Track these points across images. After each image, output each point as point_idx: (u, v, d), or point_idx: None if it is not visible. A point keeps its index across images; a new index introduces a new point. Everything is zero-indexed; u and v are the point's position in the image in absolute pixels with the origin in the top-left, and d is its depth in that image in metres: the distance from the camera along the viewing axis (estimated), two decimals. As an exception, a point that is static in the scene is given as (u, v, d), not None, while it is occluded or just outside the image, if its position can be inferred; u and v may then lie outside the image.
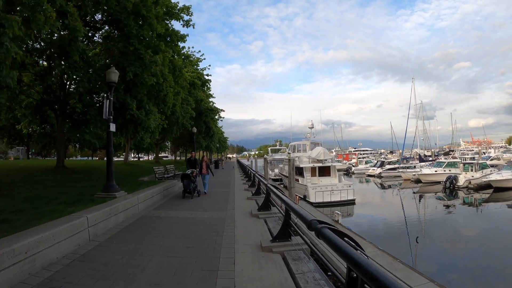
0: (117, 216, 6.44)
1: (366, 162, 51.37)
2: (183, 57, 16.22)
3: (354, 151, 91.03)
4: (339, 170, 23.14)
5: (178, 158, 60.28)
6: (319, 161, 22.95)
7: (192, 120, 21.79)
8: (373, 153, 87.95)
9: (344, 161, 58.62)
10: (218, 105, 35.98)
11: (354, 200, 20.79)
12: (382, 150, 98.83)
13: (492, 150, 48.18)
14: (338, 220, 13.05)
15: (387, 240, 12.94)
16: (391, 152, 74.90)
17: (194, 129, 21.54)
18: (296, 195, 16.21)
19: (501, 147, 57.96)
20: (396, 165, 41.93)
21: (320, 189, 20.03)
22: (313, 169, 22.58)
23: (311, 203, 19.30)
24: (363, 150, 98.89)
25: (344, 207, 20.33)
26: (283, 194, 5.95)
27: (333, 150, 61.36)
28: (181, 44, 15.36)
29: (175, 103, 14.25)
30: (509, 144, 70.26)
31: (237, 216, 7.46)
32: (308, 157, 23.00)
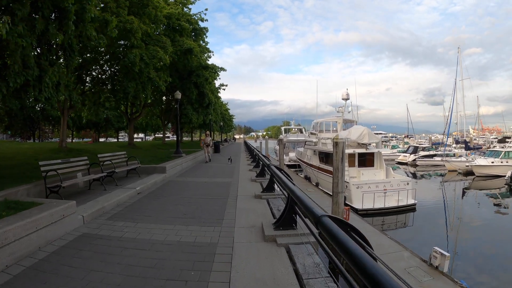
0: None
1: (393, 147, 44.06)
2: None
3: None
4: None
5: (172, 137, 53.51)
6: (360, 145, 15.83)
7: (173, 78, 14.42)
8: (391, 137, 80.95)
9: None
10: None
11: (414, 205, 13.83)
12: (390, 134, 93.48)
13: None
14: (438, 266, 6.15)
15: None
16: (407, 136, 71.06)
17: (178, 94, 14.31)
18: (346, 205, 9.26)
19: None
20: (432, 152, 35.37)
21: (368, 189, 13.04)
22: (351, 157, 15.47)
23: (356, 210, 12.41)
24: (378, 133, 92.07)
25: (400, 215, 13.50)
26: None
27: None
28: None
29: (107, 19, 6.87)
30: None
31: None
32: (345, 139, 15.77)
